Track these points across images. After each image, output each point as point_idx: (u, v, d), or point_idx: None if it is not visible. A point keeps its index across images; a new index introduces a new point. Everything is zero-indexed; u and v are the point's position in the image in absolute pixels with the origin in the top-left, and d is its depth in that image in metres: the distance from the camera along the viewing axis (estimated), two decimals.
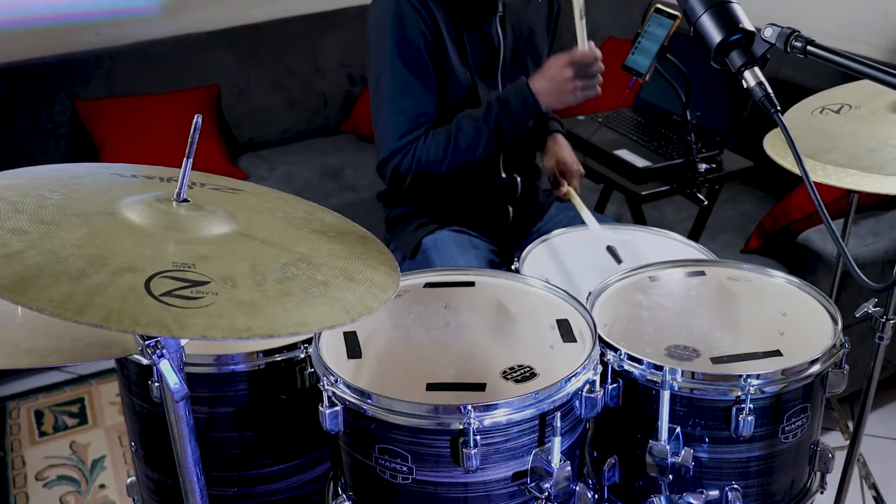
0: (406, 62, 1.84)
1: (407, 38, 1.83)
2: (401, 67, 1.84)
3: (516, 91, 1.86)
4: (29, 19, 3.16)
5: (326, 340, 1.31)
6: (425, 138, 1.88)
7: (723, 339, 1.36)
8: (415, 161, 1.88)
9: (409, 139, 1.88)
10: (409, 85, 1.85)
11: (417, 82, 1.86)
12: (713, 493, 1.30)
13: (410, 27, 1.82)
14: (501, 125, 1.85)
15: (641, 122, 2.74)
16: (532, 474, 1.19)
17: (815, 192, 1.05)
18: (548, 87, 1.83)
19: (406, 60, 1.84)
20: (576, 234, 1.84)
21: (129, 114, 3.15)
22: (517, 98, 1.85)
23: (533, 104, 1.84)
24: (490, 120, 1.85)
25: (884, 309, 1.53)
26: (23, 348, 1.18)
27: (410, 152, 1.88)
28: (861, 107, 1.49)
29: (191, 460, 1.09)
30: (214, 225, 1.07)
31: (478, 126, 1.86)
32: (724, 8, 1.12)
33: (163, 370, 0.99)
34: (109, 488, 2.45)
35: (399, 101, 1.86)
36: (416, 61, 1.84)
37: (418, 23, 1.82)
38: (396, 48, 1.83)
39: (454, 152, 1.87)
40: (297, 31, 3.50)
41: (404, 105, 1.86)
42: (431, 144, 1.87)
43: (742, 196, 2.99)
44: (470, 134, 1.86)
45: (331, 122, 3.63)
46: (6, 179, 1.08)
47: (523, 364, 1.26)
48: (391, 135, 1.88)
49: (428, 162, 1.88)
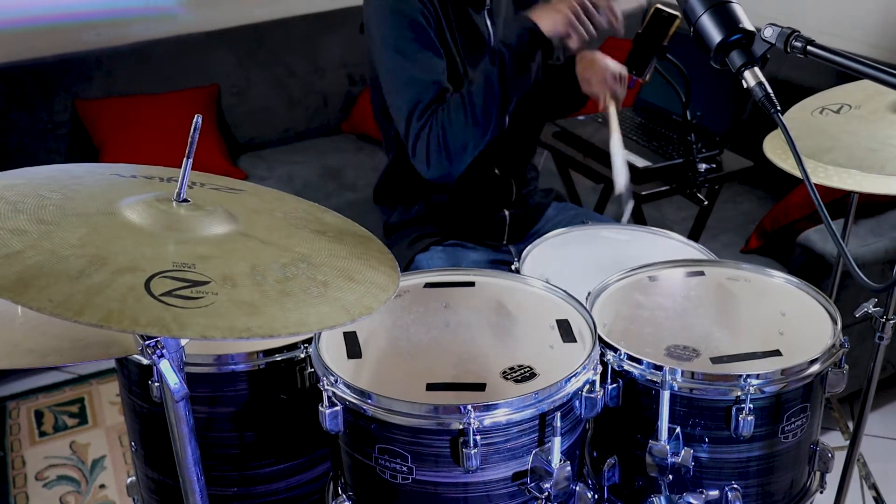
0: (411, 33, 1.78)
1: (407, 14, 1.78)
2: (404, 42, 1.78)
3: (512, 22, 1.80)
4: (29, 19, 3.16)
5: (326, 340, 1.31)
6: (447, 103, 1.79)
7: (722, 339, 1.36)
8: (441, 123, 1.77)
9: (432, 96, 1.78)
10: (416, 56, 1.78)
11: (424, 52, 1.79)
12: (713, 493, 1.30)
13: (412, 6, 1.79)
14: (504, 59, 1.76)
15: (641, 122, 2.74)
16: (532, 474, 1.19)
17: (815, 193, 1.05)
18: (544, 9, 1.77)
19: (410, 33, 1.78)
20: (576, 234, 1.84)
21: (129, 114, 3.15)
22: (515, 27, 1.78)
23: (530, 26, 1.76)
24: (494, 58, 1.77)
25: (884, 309, 1.54)
26: (23, 348, 1.18)
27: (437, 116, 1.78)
28: (861, 107, 1.49)
29: (191, 460, 1.09)
30: (214, 225, 1.07)
31: (486, 72, 1.77)
32: (724, 8, 1.12)
33: (163, 370, 0.99)
34: (109, 488, 2.45)
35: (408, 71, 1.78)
36: (419, 34, 1.78)
37: (419, 5, 1.79)
38: (397, 26, 1.78)
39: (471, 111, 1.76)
40: (297, 31, 3.50)
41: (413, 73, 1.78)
42: (450, 110, 1.77)
43: (742, 196, 2.99)
44: (480, 83, 1.77)
45: (331, 122, 3.63)
46: (6, 179, 1.08)
47: (523, 364, 1.26)
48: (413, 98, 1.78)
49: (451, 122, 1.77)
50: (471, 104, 1.76)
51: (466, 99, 1.77)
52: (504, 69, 1.76)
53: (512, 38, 1.77)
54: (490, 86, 1.76)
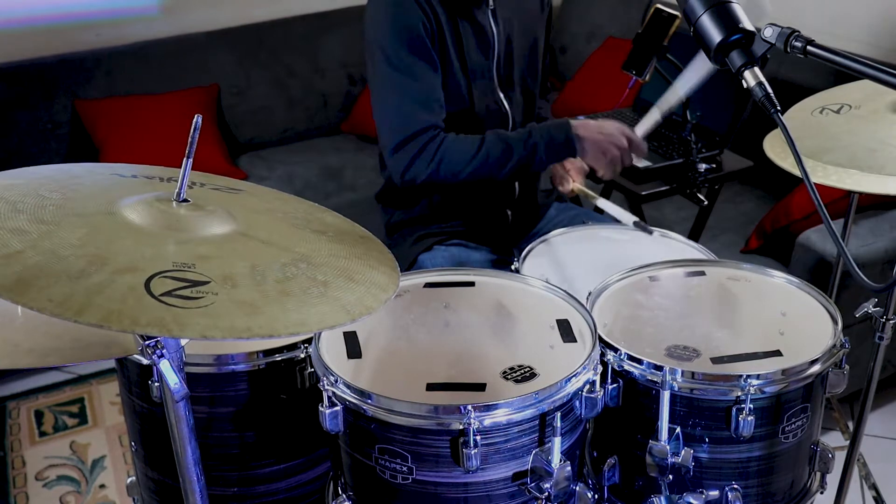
0: (409, 47, 1.79)
1: (406, 26, 1.79)
2: (403, 54, 1.79)
3: (558, 126, 1.85)
4: (29, 19, 3.16)
5: (326, 340, 1.31)
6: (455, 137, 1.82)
7: (723, 339, 1.36)
8: (437, 156, 1.81)
9: (424, 124, 1.80)
10: (413, 70, 1.80)
11: (424, 65, 1.80)
12: (713, 493, 1.30)
13: (409, 14, 1.78)
14: (537, 151, 1.83)
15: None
16: (532, 474, 1.19)
17: (815, 193, 1.05)
18: (597, 139, 1.84)
19: (409, 47, 1.79)
20: (576, 233, 1.84)
21: (129, 114, 3.15)
22: (559, 131, 1.84)
23: (573, 142, 1.84)
24: (528, 145, 1.82)
25: (884, 309, 1.54)
26: (23, 348, 1.18)
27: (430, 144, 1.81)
28: (861, 107, 1.49)
29: (191, 460, 1.09)
30: (214, 225, 1.07)
31: (509, 147, 1.82)
32: (724, 8, 1.12)
33: (163, 370, 0.99)
34: (109, 488, 2.45)
35: (404, 87, 1.80)
36: (418, 48, 1.79)
37: (417, 10, 1.78)
38: (396, 37, 1.79)
39: (479, 167, 1.82)
40: (297, 31, 3.50)
41: (411, 90, 1.80)
42: (456, 151, 1.82)
43: (742, 196, 2.99)
44: (498, 153, 1.82)
45: (331, 122, 3.63)
46: (6, 179, 1.08)
47: (523, 364, 1.26)
48: (402, 122, 1.81)
49: (448, 168, 1.82)
50: (482, 161, 1.83)
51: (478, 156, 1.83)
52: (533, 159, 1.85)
53: (558, 137, 1.84)
54: (507, 160, 1.84)
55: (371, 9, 1.86)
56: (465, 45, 1.87)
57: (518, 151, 1.83)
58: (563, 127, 1.85)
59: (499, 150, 1.83)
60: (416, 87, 1.81)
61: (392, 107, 1.83)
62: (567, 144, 1.84)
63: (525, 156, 1.84)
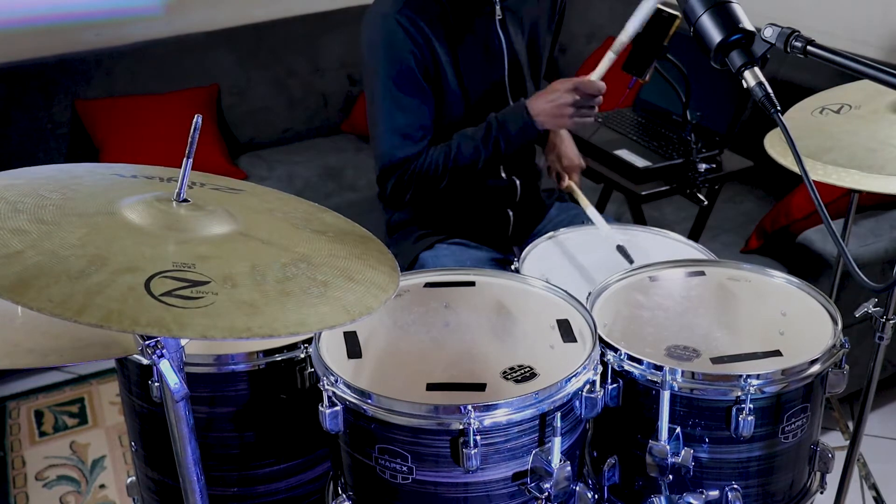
0: (397, 81, 1.86)
1: (397, 58, 1.84)
2: (392, 86, 1.86)
3: (514, 112, 1.89)
4: (29, 19, 3.16)
5: (326, 340, 1.31)
6: (425, 156, 1.90)
7: (723, 339, 1.36)
8: (415, 178, 1.90)
9: (406, 154, 1.89)
10: (401, 102, 1.87)
11: (410, 98, 1.87)
12: (713, 493, 1.30)
13: (400, 47, 1.83)
14: (499, 146, 1.89)
15: (641, 122, 2.74)
16: (532, 474, 1.19)
17: (815, 192, 1.05)
18: (547, 108, 1.85)
19: (397, 79, 1.85)
20: (576, 233, 1.84)
21: (129, 114, 3.15)
22: (515, 118, 1.88)
23: (530, 124, 1.87)
24: (489, 142, 1.89)
25: (884, 309, 1.53)
26: (23, 348, 1.18)
27: (410, 170, 1.90)
28: (861, 107, 1.49)
29: (191, 460, 1.09)
30: (214, 225, 1.07)
31: (476, 146, 1.89)
32: (724, 8, 1.12)
33: (163, 370, 0.99)
34: (109, 488, 2.45)
35: (392, 117, 1.88)
36: (407, 79, 1.86)
37: (407, 42, 1.83)
38: (387, 67, 1.85)
39: (453, 171, 1.90)
40: (297, 31, 3.50)
41: (398, 121, 1.88)
42: (431, 162, 1.90)
43: (742, 196, 2.99)
44: (468, 153, 1.89)
45: (331, 122, 3.62)
46: (6, 179, 1.08)
47: (523, 364, 1.26)
48: (387, 150, 1.90)
49: (427, 179, 1.90)
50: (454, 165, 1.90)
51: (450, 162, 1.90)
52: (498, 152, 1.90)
53: (509, 126, 1.88)
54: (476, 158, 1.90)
55: (366, 32, 1.89)
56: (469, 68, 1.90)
57: (484, 151, 1.89)
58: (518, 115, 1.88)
59: (468, 152, 1.89)
60: (401, 118, 1.88)
61: (379, 132, 1.92)
62: (525, 129, 1.88)
63: (491, 154, 1.89)
